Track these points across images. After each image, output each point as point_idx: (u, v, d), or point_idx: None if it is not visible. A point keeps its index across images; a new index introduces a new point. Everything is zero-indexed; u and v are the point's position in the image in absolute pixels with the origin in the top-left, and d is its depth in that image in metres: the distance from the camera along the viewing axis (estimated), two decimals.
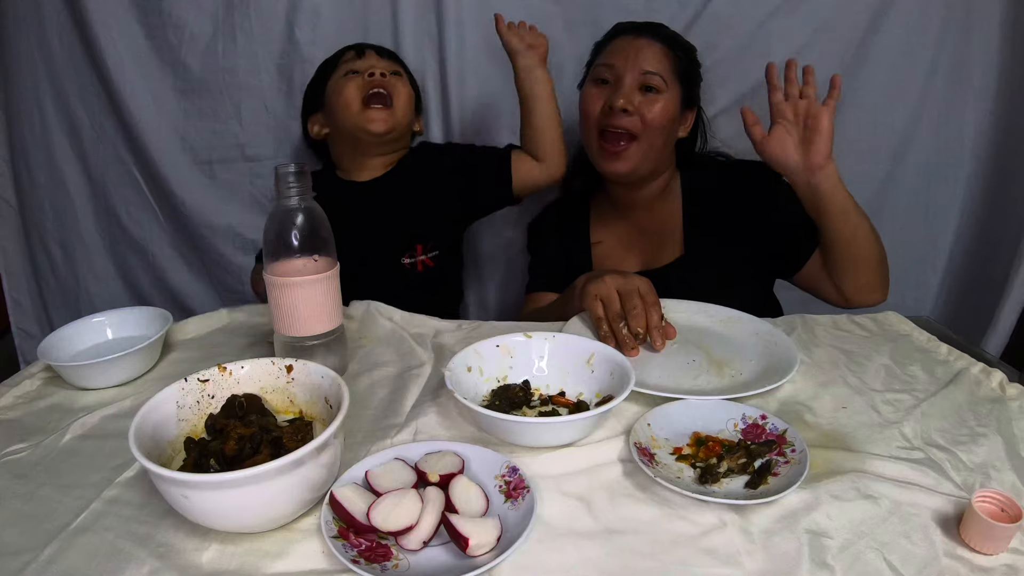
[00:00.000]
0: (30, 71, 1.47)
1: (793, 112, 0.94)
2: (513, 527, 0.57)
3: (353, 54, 1.22)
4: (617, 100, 1.03)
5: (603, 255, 1.20)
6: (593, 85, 1.09)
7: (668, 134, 1.08)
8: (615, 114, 1.04)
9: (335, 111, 1.20)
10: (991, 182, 1.44)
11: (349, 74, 1.19)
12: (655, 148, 1.07)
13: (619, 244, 1.19)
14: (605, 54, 1.10)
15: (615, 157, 1.07)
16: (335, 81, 1.20)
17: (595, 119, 1.08)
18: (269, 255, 0.79)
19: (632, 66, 1.04)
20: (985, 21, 1.35)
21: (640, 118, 1.04)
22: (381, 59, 1.23)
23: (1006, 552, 0.55)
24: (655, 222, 1.16)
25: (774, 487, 0.61)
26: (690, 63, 1.10)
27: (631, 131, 1.05)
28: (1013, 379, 0.80)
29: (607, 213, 1.22)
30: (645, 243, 1.17)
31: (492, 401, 0.76)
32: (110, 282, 1.63)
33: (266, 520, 0.57)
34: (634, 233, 1.18)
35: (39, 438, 0.73)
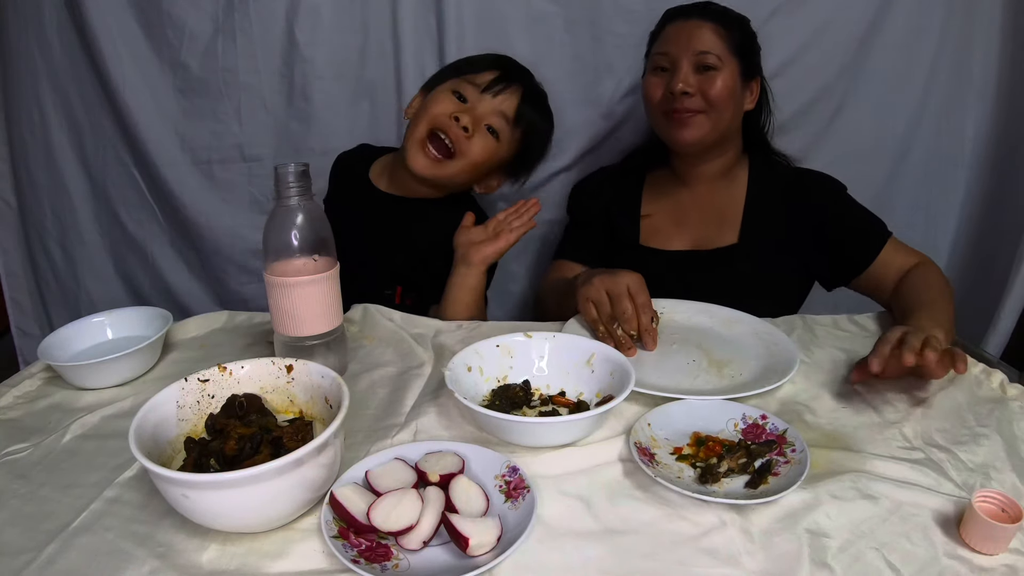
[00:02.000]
0: (30, 71, 1.47)
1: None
2: (513, 527, 0.57)
3: (488, 77, 1.09)
4: (676, 84, 1.04)
5: (652, 229, 1.19)
6: (652, 74, 1.10)
7: (735, 106, 1.09)
8: (677, 98, 1.05)
9: (417, 116, 1.11)
10: (991, 182, 1.44)
11: (457, 94, 1.09)
12: (724, 120, 1.08)
13: (670, 220, 1.18)
14: (659, 42, 1.10)
15: (685, 125, 1.07)
16: (446, 87, 1.10)
17: (658, 104, 1.09)
18: (269, 255, 0.79)
19: (686, 49, 1.05)
20: (985, 21, 1.35)
21: (702, 96, 1.05)
22: (506, 105, 1.10)
23: (1006, 552, 0.55)
24: (714, 202, 1.15)
25: (774, 487, 0.61)
26: (744, 35, 1.09)
27: (697, 109, 1.06)
28: (1013, 379, 0.80)
29: (663, 187, 1.20)
30: (699, 222, 1.16)
31: (492, 401, 0.76)
32: (110, 282, 1.63)
33: (266, 520, 0.57)
34: (690, 210, 1.17)
35: (39, 438, 0.73)
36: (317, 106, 1.43)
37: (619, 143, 1.45)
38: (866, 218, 1.08)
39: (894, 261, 1.03)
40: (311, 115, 1.44)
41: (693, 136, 1.07)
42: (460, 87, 1.10)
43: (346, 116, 1.45)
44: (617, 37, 1.37)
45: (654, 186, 1.22)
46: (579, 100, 1.42)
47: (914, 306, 0.90)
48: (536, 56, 1.38)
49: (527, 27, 1.37)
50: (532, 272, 1.58)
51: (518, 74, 1.14)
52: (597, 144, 1.46)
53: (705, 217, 1.15)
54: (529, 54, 1.38)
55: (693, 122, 1.06)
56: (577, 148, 1.46)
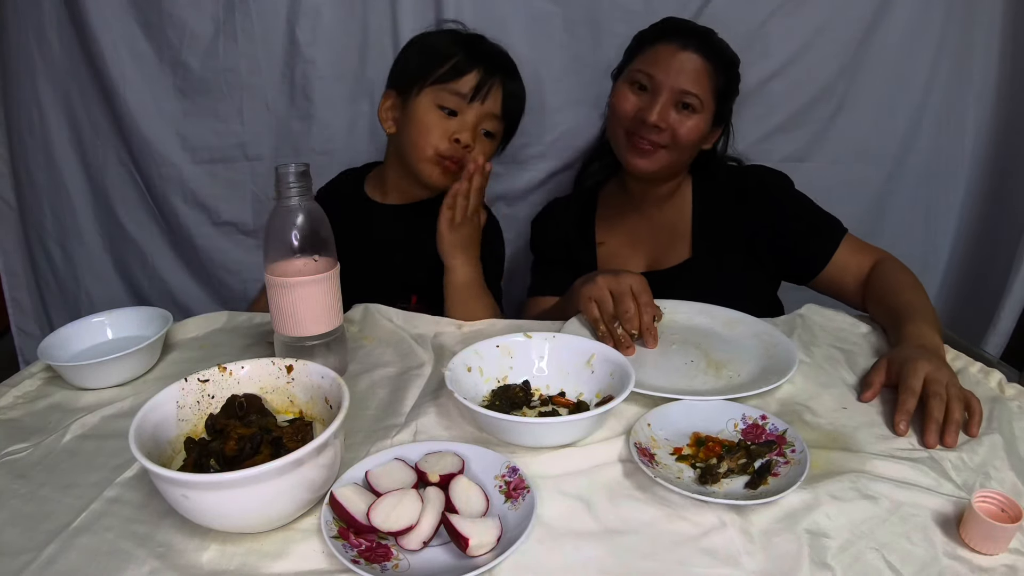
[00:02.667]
0: (30, 71, 1.47)
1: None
2: (513, 527, 0.57)
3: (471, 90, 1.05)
4: (651, 115, 1.03)
5: (608, 255, 1.20)
6: (628, 86, 1.08)
7: (696, 149, 1.10)
8: (647, 127, 1.04)
9: (406, 132, 1.08)
10: (991, 183, 1.44)
11: (444, 109, 1.06)
12: (683, 158, 1.08)
13: (626, 243, 1.19)
14: (646, 59, 1.07)
15: (642, 155, 1.06)
16: (427, 99, 1.06)
17: (626, 120, 1.07)
18: (269, 255, 0.79)
19: (672, 82, 1.03)
20: (985, 22, 1.35)
21: (671, 133, 1.04)
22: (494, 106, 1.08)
23: (1006, 552, 0.55)
24: (664, 222, 1.16)
25: (774, 487, 0.61)
26: (728, 80, 1.08)
27: (660, 144, 1.05)
28: (1012, 379, 0.80)
29: (614, 213, 1.21)
30: (652, 243, 1.17)
31: (492, 401, 0.76)
32: (110, 282, 1.63)
33: (266, 520, 0.57)
34: (642, 232, 1.18)
35: (39, 438, 0.73)
36: (318, 106, 1.43)
37: None
38: (817, 218, 1.07)
39: (850, 262, 1.03)
40: (312, 115, 1.44)
41: (649, 168, 1.07)
42: (444, 100, 1.06)
43: (346, 116, 1.45)
44: (617, 37, 1.36)
45: (605, 213, 1.22)
46: (579, 100, 1.42)
47: (902, 313, 0.90)
48: (536, 56, 1.39)
49: (527, 27, 1.37)
50: None
51: (492, 62, 1.09)
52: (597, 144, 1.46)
53: (657, 237, 1.16)
54: (529, 54, 1.39)
55: (654, 156, 1.06)
56: (577, 148, 1.45)
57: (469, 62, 1.07)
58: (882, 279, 0.99)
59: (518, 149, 1.45)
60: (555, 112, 1.43)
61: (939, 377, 0.75)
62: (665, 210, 1.17)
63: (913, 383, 0.74)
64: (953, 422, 0.71)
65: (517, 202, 1.52)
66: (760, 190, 1.11)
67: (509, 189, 1.49)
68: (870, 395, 0.78)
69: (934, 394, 0.73)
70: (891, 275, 0.98)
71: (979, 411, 0.72)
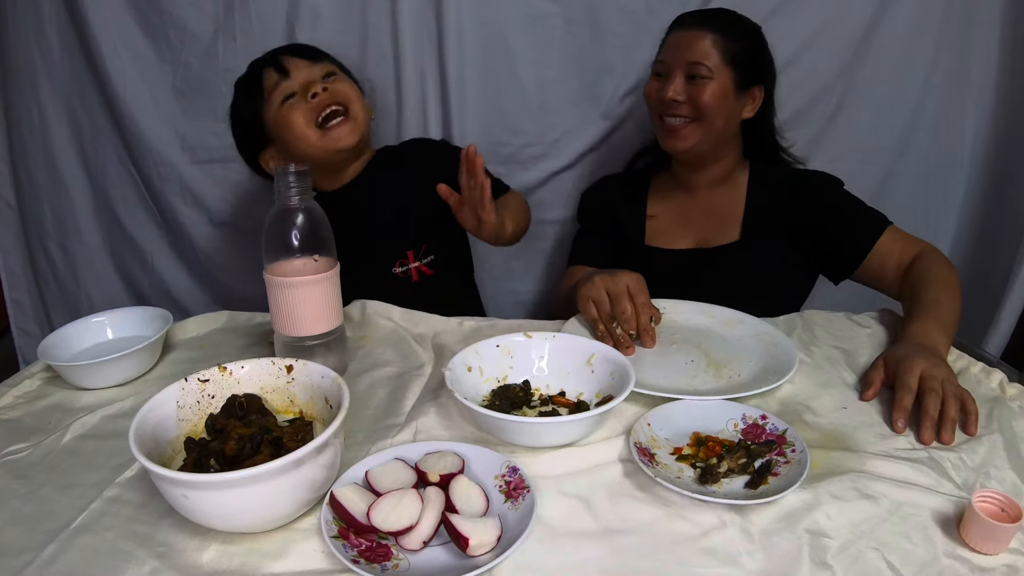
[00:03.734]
0: (30, 71, 1.47)
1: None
2: (513, 527, 0.57)
3: (275, 73, 1.10)
4: (666, 92, 1.08)
5: (658, 229, 1.22)
6: (652, 77, 1.14)
7: (727, 115, 1.10)
8: (668, 104, 1.09)
9: (291, 145, 1.11)
10: (991, 182, 1.44)
11: (287, 101, 1.09)
12: (715, 128, 1.10)
13: (675, 220, 1.21)
14: (662, 50, 1.14)
15: (674, 135, 1.10)
16: (274, 113, 1.10)
17: (653, 106, 1.13)
18: (269, 255, 0.79)
19: (679, 59, 1.08)
20: (984, 21, 1.35)
21: (691, 104, 1.08)
22: (311, 65, 1.11)
23: (1006, 552, 0.55)
24: (716, 204, 1.18)
25: (774, 487, 0.61)
26: (745, 44, 1.10)
27: (687, 117, 1.09)
28: (1013, 379, 0.80)
29: (668, 190, 1.23)
30: (703, 223, 1.18)
31: (492, 401, 0.76)
32: (110, 282, 1.63)
33: (266, 520, 0.57)
34: (693, 213, 1.19)
35: (39, 438, 0.73)
36: None
37: (619, 143, 1.45)
38: (862, 210, 1.09)
39: (892, 251, 1.03)
40: None
41: (683, 146, 1.10)
42: (280, 97, 1.09)
43: None
44: (617, 37, 1.37)
45: (658, 190, 1.24)
46: (579, 100, 1.42)
47: (915, 309, 0.90)
48: (536, 56, 1.39)
49: (527, 27, 1.37)
50: (533, 272, 1.58)
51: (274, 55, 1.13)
52: (597, 144, 1.46)
53: (708, 218, 1.18)
54: (529, 54, 1.39)
55: (683, 133, 1.09)
56: (577, 148, 1.46)
57: (255, 73, 1.13)
58: (919, 270, 0.98)
59: (518, 149, 1.46)
60: (555, 112, 1.43)
61: (935, 374, 0.75)
62: (718, 193, 1.18)
63: (909, 380, 0.75)
64: (949, 419, 0.71)
65: None
66: (813, 187, 1.13)
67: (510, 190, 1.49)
68: (871, 394, 0.79)
69: (929, 391, 0.73)
70: (928, 268, 0.97)
71: (975, 410, 0.73)
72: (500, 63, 1.39)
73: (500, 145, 1.45)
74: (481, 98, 1.42)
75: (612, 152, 1.46)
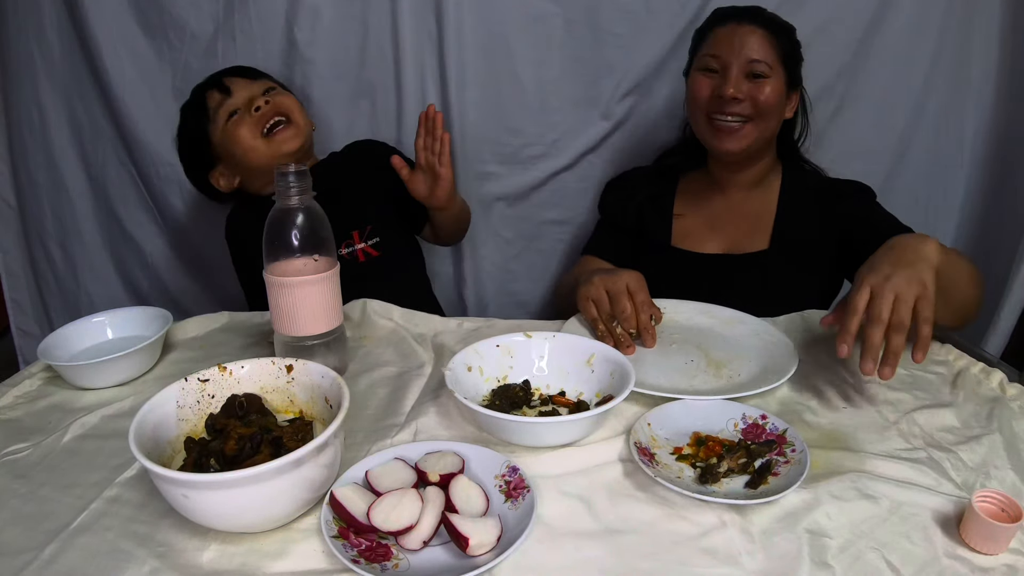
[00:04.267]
0: (30, 72, 1.47)
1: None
2: (513, 527, 0.57)
3: (217, 93, 1.17)
4: (727, 89, 1.04)
5: (684, 230, 1.19)
6: (700, 73, 1.10)
7: (779, 116, 1.09)
8: (726, 102, 1.05)
9: (239, 159, 1.16)
10: (991, 182, 1.44)
11: (232, 117, 1.15)
12: (769, 128, 1.08)
13: (704, 223, 1.18)
14: (709, 43, 1.10)
15: (730, 135, 1.07)
16: (221, 131, 1.16)
17: (704, 106, 1.09)
18: (269, 255, 0.79)
19: (738, 55, 1.05)
20: (985, 21, 1.35)
21: (751, 102, 1.05)
22: (251, 82, 1.19)
23: (1006, 552, 0.55)
24: (748, 209, 1.16)
25: (774, 487, 0.61)
26: (791, 44, 1.10)
27: (744, 116, 1.06)
28: (1013, 379, 0.80)
29: (697, 191, 1.21)
30: (732, 227, 1.16)
31: (492, 401, 0.76)
32: (110, 282, 1.63)
33: (266, 520, 0.57)
34: (724, 215, 1.17)
35: (39, 438, 0.73)
36: (317, 106, 1.43)
37: (619, 143, 1.45)
38: (892, 223, 1.06)
39: None
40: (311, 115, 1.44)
41: (739, 147, 1.07)
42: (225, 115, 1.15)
43: (346, 116, 1.45)
44: (617, 37, 1.37)
45: (688, 189, 1.22)
46: (579, 100, 1.42)
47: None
48: (536, 56, 1.39)
49: (527, 27, 1.37)
50: (533, 272, 1.58)
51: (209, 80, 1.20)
52: (597, 144, 1.46)
53: (738, 223, 1.16)
54: (529, 54, 1.39)
55: (740, 133, 1.06)
56: (577, 148, 1.45)
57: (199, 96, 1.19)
58: None
59: (518, 149, 1.46)
60: (555, 112, 1.43)
61: (884, 292, 0.68)
62: (750, 197, 1.16)
63: (855, 300, 0.69)
64: (891, 352, 0.66)
65: (518, 202, 1.52)
66: (844, 196, 1.11)
67: (509, 189, 1.49)
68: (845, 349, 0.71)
69: (874, 319, 0.68)
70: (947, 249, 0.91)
71: (926, 338, 0.67)
72: (500, 63, 1.39)
73: (500, 145, 1.45)
74: (481, 98, 1.42)
75: (612, 152, 1.46)
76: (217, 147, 1.18)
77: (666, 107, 1.41)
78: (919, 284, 0.70)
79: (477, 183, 1.47)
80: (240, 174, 1.21)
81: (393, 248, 1.23)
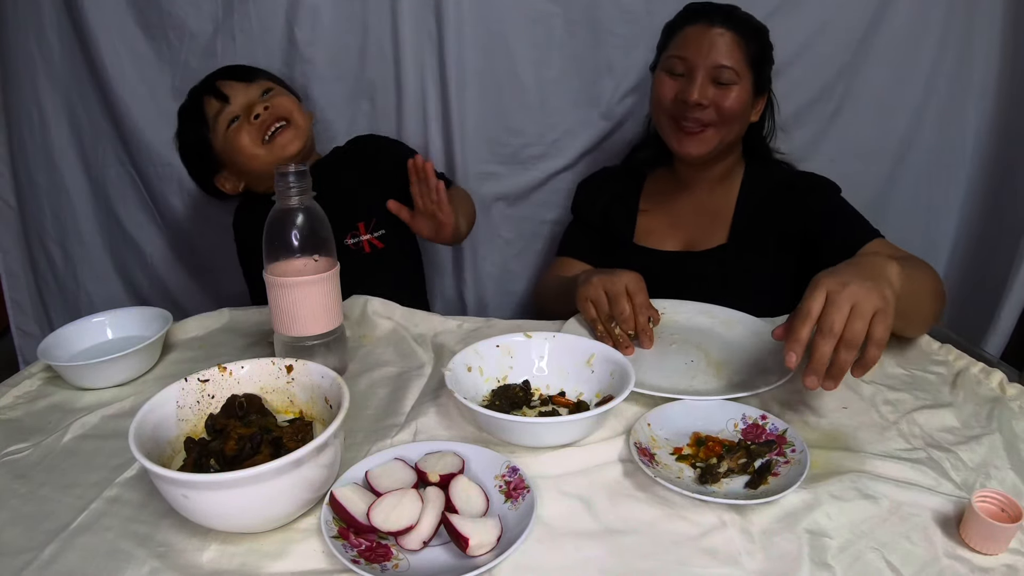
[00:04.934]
0: (30, 72, 1.47)
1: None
2: (513, 527, 0.57)
3: (215, 100, 1.15)
4: (691, 95, 1.03)
5: (647, 228, 1.19)
6: (666, 74, 1.09)
7: (743, 121, 1.09)
8: (690, 107, 1.04)
9: (242, 165, 1.16)
10: (991, 183, 1.44)
11: (232, 125, 1.14)
12: (732, 133, 1.08)
13: (666, 220, 1.19)
14: (677, 44, 1.08)
15: (691, 139, 1.06)
16: (222, 139, 1.15)
17: (667, 107, 1.08)
18: (269, 255, 0.79)
19: (704, 59, 1.03)
20: (986, 21, 1.35)
21: (715, 108, 1.04)
22: (248, 86, 1.16)
23: (1006, 552, 0.55)
24: (709, 205, 1.16)
25: (774, 487, 0.61)
26: (761, 48, 1.08)
27: (707, 122, 1.05)
28: (1013, 379, 0.80)
29: (662, 189, 1.21)
30: (692, 225, 1.16)
31: (492, 401, 0.76)
32: (110, 282, 1.63)
33: (266, 520, 0.57)
34: (685, 213, 1.17)
35: (39, 438, 0.73)
36: (317, 106, 1.43)
37: (619, 143, 1.45)
38: (853, 219, 1.06)
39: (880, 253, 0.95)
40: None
41: (700, 151, 1.07)
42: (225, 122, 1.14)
43: (346, 116, 1.45)
44: (617, 37, 1.37)
45: (653, 187, 1.23)
46: (579, 100, 1.42)
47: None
48: (536, 56, 1.39)
49: (527, 27, 1.37)
50: (533, 272, 1.58)
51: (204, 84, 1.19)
52: (597, 144, 1.46)
53: (698, 219, 1.16)
54: (529, 54, 1.39)
55: (702, 137, 1.06)
56: (577, 148, 1.46)
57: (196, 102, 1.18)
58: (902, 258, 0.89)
59: (518, 149, 1.46)
60: (555, 112, 1.43)
61: (840, 300, 0.64)
62: (713, 194, 1.16)
63: (809, 305, 0.65)
64: (836, 367, 0.63)
65: (518, 202, 1.52)
66: (805, 190, 1.10)
67: (509, 189, 1.49)
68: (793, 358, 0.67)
69: (825, 330, 0.64)
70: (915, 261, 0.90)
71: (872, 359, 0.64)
72: (500, 63, 1.39)
73: (500, 145, 1.45)
74: (481, 98, 1.42)
75: (612, 152, 1.46)
76: (220, 154, 1.18)
77: None
78: (879, 298, 0.65)
79: (477, 183, 1.47)
80: (244, 179, 1.21)
81: (397, 240, 1.24)
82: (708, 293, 1.00)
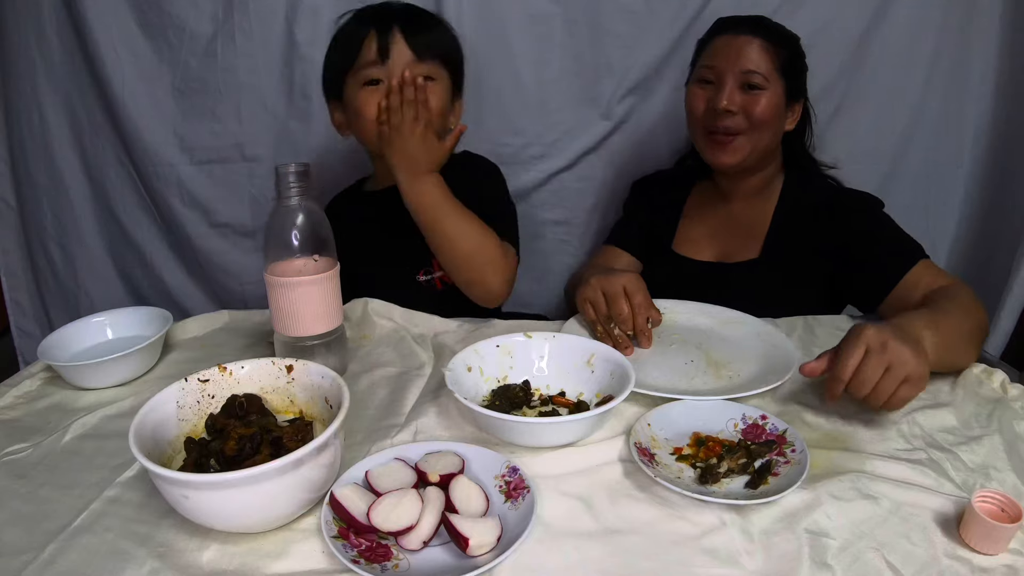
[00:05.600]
0: (29, 72, 1.47)
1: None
2: (513, 527, 0.57)
3: (376, 49, 1.00)
4: (720, 101, 1.03)
5: (687, 236, 1.20)
6: (697, 85, 1.09)
7: (775, 128, 1.08)
8: (719, 115, 1.04)
9: (354, 122, 1.06)
10: (991, 182, 1.44)
11: (370, 85, 1.01)
12: (763, 140, 1.07)
13: (706, 230, 1.19)
14: (707, 54, 1.08)
15: (723, 148, 1.06)
16: (354, 87, 1.03)
17: (699, 118, 1.09)
18: (269, 255, 0.79)
19: (732, 66, 1.03)
20: (984, 21, 1.35)
21: (745, 116, 1.04)
22: (415, 63, 1.01)
23: (1006, 552, 0.55)
24: (746, 217, 1.15)
25: (774, 487, 0.61)
26: (793, 55, 1.08)
27: (737, 130, 1.05)
28: (1014, 379, 0.80)
29: (705, 198, 1.21)
30: (728, 235, 1.16)
31: (492, 401, 0.76)
32: (110, 282, 1.63)
33: (266, 520, 0.57)
34: (722, 224, 1.17)
35: (39, 438, 0.73)
36: (317, 105, 1.43)
37: (619, 143, 1.45)
38: (898, 237, 1.02)
39: (920, 284, 0.93)
40: (311, 114, 1.44)
41: (732, 160, 1.07)
42: (363, 77, 1.02)
43: None
44: (617, 37, 1.37)
45: (698, 195, 1.23)
46: (579, 100, 1.42)
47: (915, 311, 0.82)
48: (536, 56, 1.39)
49: (527, 27, 1.37)
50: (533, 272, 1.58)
51: (383, 19, 1.03)
52: (597, 144, 1.46)
53: (734, 231, 1.15)
54: (529, 54, 1.39)
55: (732, 146, 1.05)
56: (577, 148, 1.46)
57: (361, 30, 1.03)
58: (942, 291, 0.89)
59: (518, 149, 1.46)
60: (555, 112, 1.43)
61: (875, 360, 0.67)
62: (750, 206, 1.15)
63: (848, 363, 0.68)
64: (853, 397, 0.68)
65: (518, 202, 1.50)
66: (846, 212, 1.07)
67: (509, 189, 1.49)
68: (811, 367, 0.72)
69: (855, 384, 0.68)
70: (955, 292, 0.88)
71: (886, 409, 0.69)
72: (500, 63, 1.39)
73: (500, 145, 1.45)
74: (481, 98, 1.42)
75: (612, 152, 1.46)
76: (346, 94, 1.06)
77: (666, 107, 1.41)
78: (914, 366, 0.68)
79: None
80: (351, 133, 1.10)
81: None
82: (739, 306, 0.98)
